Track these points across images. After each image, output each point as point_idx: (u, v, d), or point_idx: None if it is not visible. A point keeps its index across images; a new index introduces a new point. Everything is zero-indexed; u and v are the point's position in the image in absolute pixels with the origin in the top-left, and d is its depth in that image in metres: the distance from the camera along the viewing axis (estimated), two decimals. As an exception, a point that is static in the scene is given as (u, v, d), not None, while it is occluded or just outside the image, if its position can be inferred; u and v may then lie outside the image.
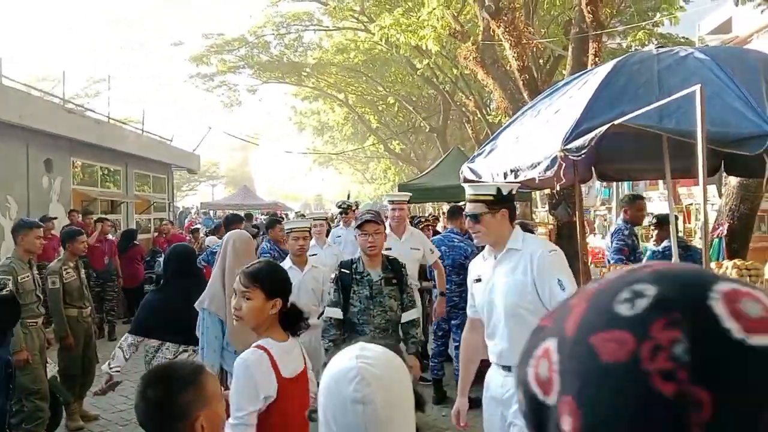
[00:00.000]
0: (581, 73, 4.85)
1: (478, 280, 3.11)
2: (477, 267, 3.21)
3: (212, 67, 23.68)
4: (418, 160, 27.84)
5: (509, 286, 2.92)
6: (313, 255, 5.43)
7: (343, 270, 4.02)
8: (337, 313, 3.94)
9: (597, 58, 10.13)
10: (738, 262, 3.70)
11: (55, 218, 10.05)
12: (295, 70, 24.62)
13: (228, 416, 1.87)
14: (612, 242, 5.86)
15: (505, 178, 4.13)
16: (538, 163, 3.82)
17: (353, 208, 8.76)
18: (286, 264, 4.78)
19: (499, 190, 3.03)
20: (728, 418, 0.48)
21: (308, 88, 26.63)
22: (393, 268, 4.08)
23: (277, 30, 22.51)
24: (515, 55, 10.65)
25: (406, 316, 4.05)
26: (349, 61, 22.39)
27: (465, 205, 4.10)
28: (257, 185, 46.50)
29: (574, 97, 4.24)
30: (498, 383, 2.96)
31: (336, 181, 52.34)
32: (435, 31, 13.86)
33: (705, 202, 2.80)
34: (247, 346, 2.42)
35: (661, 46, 4.55)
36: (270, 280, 2.47)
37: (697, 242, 11.42)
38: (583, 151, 3.47)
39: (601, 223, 16.88)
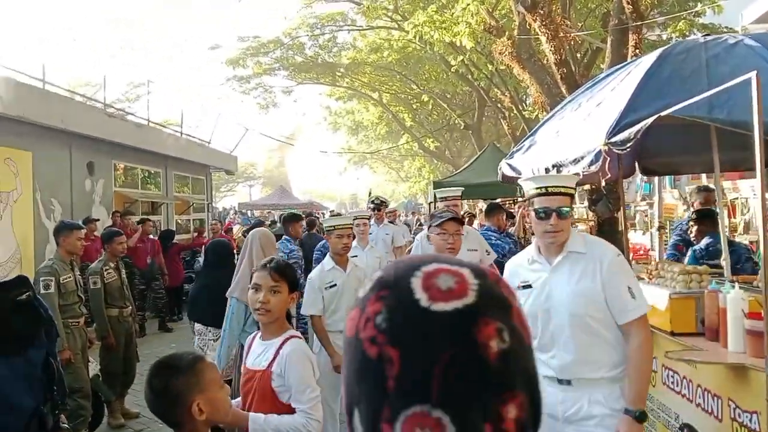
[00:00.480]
0: (623, 64, 4.69)
1: (527, 286, 2.73)
2: (522, 271, 2.82)
3: (248, 70, 23.91)
4: (453, 158, 27.64)
5: (576, 294, 2.61)
6: (353, 257, 5.09)
7: None
8: None
9: (637, 50, 9.84)
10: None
11: (98, 220, 10.27)
12: (329, 70, 24.69)
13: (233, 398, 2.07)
14: (671, 236, 5.66)
15: (546, 173, 4.01)
16: (582, 158, 3.70)
17: (387, 204, 8.67)
18: (327, 264, 4.63)
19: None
20: (409, 368, 0.61)
21: (342, 87, 26.69)
22: None
23: (312, 31, 22.60)
24: (552, 48, 10.44)
25: None
26: (383, 60, 22.34)
27: (506, 201, 4.03)
28: (293, 185, 46.90)
29: (616, 89, 4.09)
30: (556, 400, 2.62)
31: (371, 180, 52.41)
32: (469, 27, 13.69)
33: (764, 196, 2.64)
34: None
35: (707, 35, 4.36)
36: (293, 276, 2.67)
37: (741, 237, 11.01)
38: (628, 145, 3.34)
39: (642, 218, 16.41)
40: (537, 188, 2.65)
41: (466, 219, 9.80)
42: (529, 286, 2.73)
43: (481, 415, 0.61)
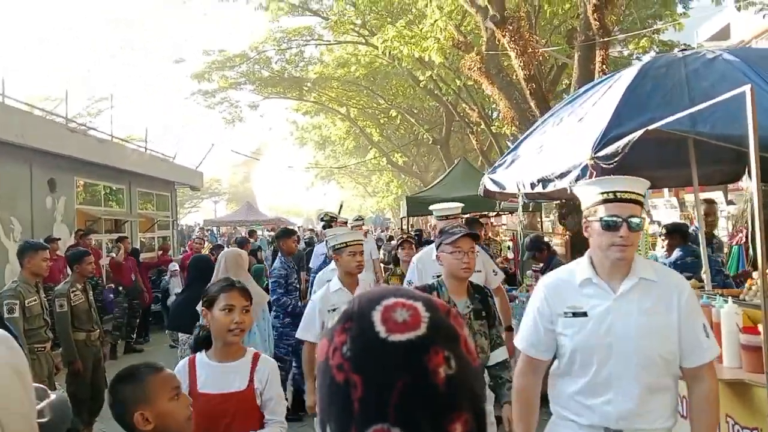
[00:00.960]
0: (603, 78, 4.73)
1: (580, 314, 2.28)
2: (570, 294, 2.33)
3: (213, 84, 23.63)
4: (421, 172, 27.74)
5: (649, 330, 2.20)
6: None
7: None
8: None
9: (604, 66, 10.02)
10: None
11: (59, 239, 9.91)
12: (296, 85, 24.57)
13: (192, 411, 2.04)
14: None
15: (532, 188, 4.00)
16: (568, 172, 3.68)
17: (340, 221, 8.15)
18: (334, 285, 4.08)
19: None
20: (371, 392, 0.71)
21: (309, 102, 26.58)
22: (481, 297, 3.26)
23: (278, 45, 22.47)
24: (521, 64, 10.55)
25: (495, 357, 3.20)
26: (350, 74, 22.34)
27: (480, 216, 4.02)
28: (259, 201, 46.41)
29: (598, 103, 4.11)
30: None
31: (338, 196, 52.30)
32: (438, 42, 13.79)
33: (760, 208, 2.63)
34: None
35: (684, 50, 4.43)
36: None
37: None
38: (615, 159, 3.34)
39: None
40: (604, 193, 2.22)
41: (412, 236, 9.69)
42: (584, 314, 2.27)
43: (439, 426, 0.71)
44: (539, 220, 14.58)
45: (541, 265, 6.62)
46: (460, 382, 0.73)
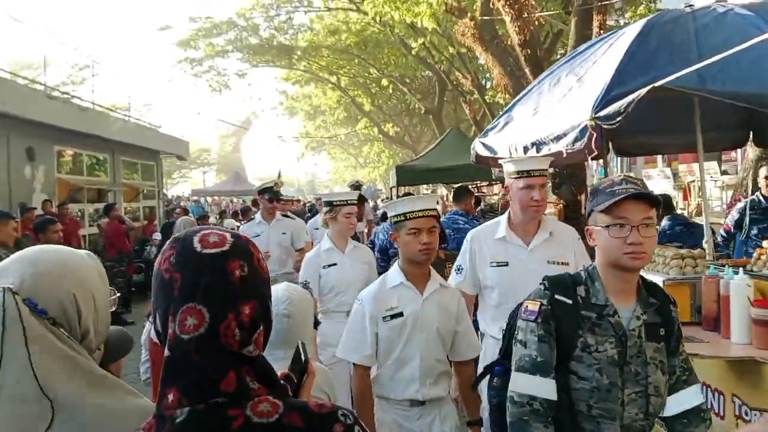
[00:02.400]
0: (602, 37, 4.43)
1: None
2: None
3: (200, 52, 23.03)
4: (413, 143, 27.34)
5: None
6: (332, 265, 4.03)
7: (557, 297, 1.87)
8: (548, 389, 1.82)
9: (601, 31, 9.68)
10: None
11: (35, 208, 9.58)
12: (285, 53, 23.97)
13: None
14: None
15: (525, 152, 3.73)
16: (565, 135, 3.42)
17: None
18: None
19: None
20: (186, 284, 1.04)
21: (299, 71, 26.00)
22: (659, 303, 1.91)
23: (267, 12, 21.88)
24: (516, 29, 10.18)
25: (678, 402, 1.91)
26: (340, 43, 21.79)
27: (473, 185, 3.78)
28: (249, 171, 45.90)
29: (598, 62, 3.83)
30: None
31: (329, 166, 51.85)
32: (430, 7, 13.35)
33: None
34: None
35: (691, 5, 4.13)
36: None
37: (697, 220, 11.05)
38: (618, 119, 3.07)
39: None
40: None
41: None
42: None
43: (227, 310, 1.02)
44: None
45: None
46: (250, 281, 1.06)
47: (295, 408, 1.03)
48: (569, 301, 1.84)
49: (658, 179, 15.51)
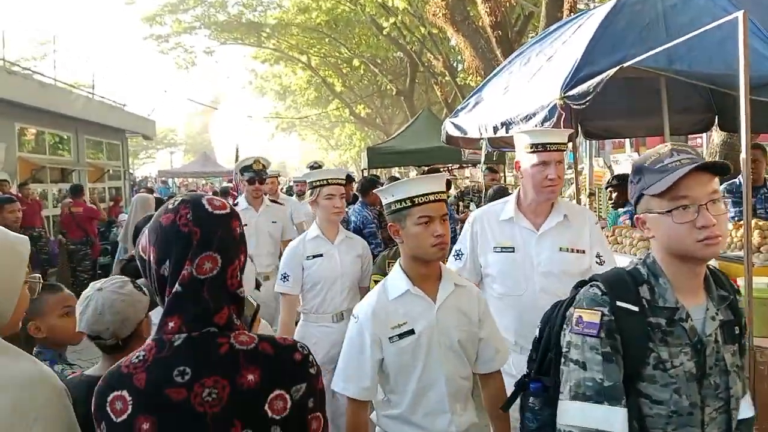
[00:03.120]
0: (574, 17, 4.43)
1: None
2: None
3: (166, 28, 22.51)
4: (385, 125, 27.25)
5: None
6: (318, 256, 3.46)
7: (620, 304, 1.51)
8: (620, 421, 1.45)
9: (572, 13, 9.72)
10: (760, 222, 3.35)
11: (6, 180, 9.31)
12: (254, 30, 23.58)
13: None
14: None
15: (495, 132, 3.72)
16: (534, 114, 3.41)
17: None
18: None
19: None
20: (204, 236, 1.30)
21: (268, 49, 25.61)
22: (731, 296, 1.61)
23: (235, -13, 21.46)
24: (488, 10, 10.17)
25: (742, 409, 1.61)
26: (311, 21, 21.49)
27: (444, 168, 3.66)
28: (217, 152, 45.26)
29: (568, 41, 3.83)
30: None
31: (299, 148, 51.42)
32: (402, -14, 13.27)
33: (748, 158, 2.35)
34: None
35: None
36: None
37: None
38: (587, 98, 3.07)
39: (568, 186, 16.73)
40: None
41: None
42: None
43: (233, 257, 1.32)
44: (502, 174, 14.42)
45: None
46: (242, 237, 1.38)
47: (266, 340, 1.35)
48: (635, 309, 1.47)
49: (626, 164, 15.76)
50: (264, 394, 1.28)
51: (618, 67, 2.98)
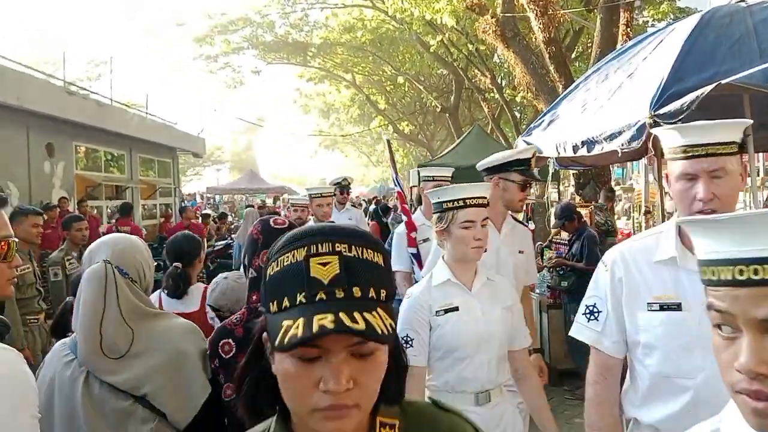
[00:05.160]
0: (652, 32, 4.28)
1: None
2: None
3: (216, 48, 23.01)
4: (428, 141, 27.21)
5: None
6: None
7: None
8: None
9: (628, 29, 9.53)
10: None
11: (57, 206, 9.53)
12: (300, 50, 23.92)
13: None
14: None
15: (575, 151, 3.59)
16: (620, 133, 3.28)
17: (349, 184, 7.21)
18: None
19: None
20: (267, 240, 1.90)
21: (314, 68, 25.93)
22: None
23: (282, 9, 21.81)
24: (541, 26, 10.03)
25: None
26: (356, 40, 21.68)
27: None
28: (261, 169, 45.86)
29: (649, 58, 3.69)
30: None
31: (341, 165, 51.73)
32: (451, 3, 13.22)
33: None
34: None
35: (742, 1, 3.97)
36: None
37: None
38: (680, 117, 2.93)
39: (623, 203, 16.32)
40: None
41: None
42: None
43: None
44: (556, 189, 14.13)
45: (568, 237, 6.20)
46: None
47: None
48: None
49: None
50: None
51: (715, 84, 2.84)
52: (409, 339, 2.22)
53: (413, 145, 29.83)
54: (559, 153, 3.75)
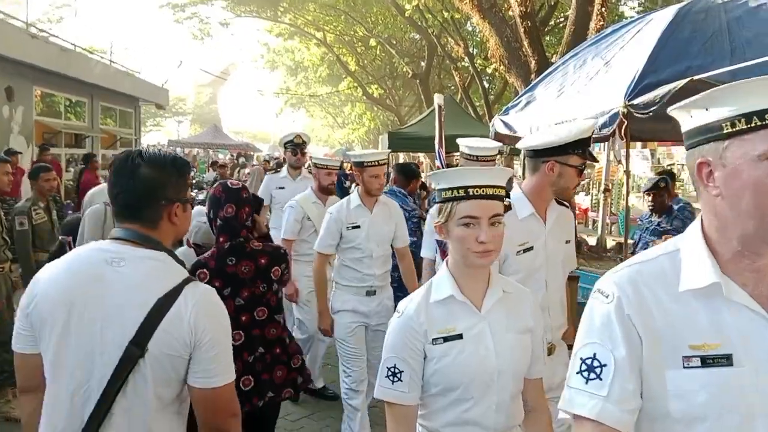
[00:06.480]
0: (629, 21, 4.41)
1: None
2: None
3: (184, -3, 22.28)
4: (396, 106, 27.11)
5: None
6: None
7: None
8: None
9: (603, 9, 9.65)
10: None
11: (20, 153, 9.28)
12: (271, 4, 23.35)
13: None
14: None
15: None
16: (593, 119, 3.41)
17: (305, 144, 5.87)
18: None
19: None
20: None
21: (284, 24, 25.38)
22: None
23: (255, -40, 21.19)
24: (519, 0, 10.08)
25: None
26: (329, -2, 21.29)
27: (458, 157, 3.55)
28: (224, 124, 45.02)
29: (626, 47, 3.82)
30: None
31: (306, 124, 51.13)
32: (429, -31, 13.12)
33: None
34: None
35: None
36: None
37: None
38: (652, 108, 3.08)
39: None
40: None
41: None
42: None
43: (242, 207, 2.85)
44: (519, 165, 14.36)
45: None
46: (250, 196, 2.91)
47: (265, 244, 2.94)
48: None
49: (636, 159, 15.75)
50: (270, 268, 2.79)
51: (687, 80, 2.99)
52: (397, 371, 1.74)
53: (380, 109, 29.68)
54: (532, 133, 3.87)
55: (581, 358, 1.20)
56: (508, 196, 1.96)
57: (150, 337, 1.55)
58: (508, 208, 1.91)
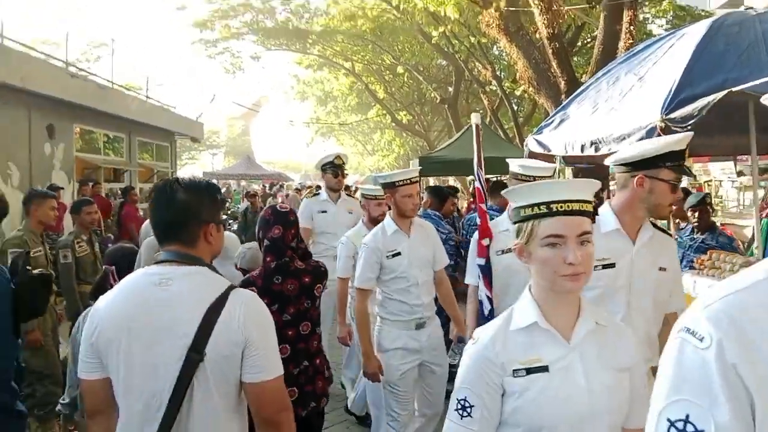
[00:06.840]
0: (661, 37, 4.39)
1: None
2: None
3: (215, 33, 22.92)
4: (425, 132, 27.25)
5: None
6: None
7: None
8: None
9: (632, 27, 9.60)
10: None
11: (62, 188, 9.57)
12: (300, 37, 23.85)
13: None
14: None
15: (582, 150, 3.70)
16: (629, 135, 3.39)
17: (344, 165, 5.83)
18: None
19: None
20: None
21: (313, 55, 25.87)
22: None
23: (283, -5, 21.73)
24: (545, 21, 10.11)
25: None
26: (356, 28, 21.65)
27: (508, 179, 3.42)
28: (257, 155, 45.76)
29: (660, 62, 3.79)
30: None
31: (335, 151, 51.63)
32: (455, -4, 13.25)
33: None
34: None
35: (751, 7, 4.08)
36: None
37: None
38: (690, 122, 3.04)
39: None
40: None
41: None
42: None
43: (289, 229, 3.01)
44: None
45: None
46: (296, 219, 3.12)
47: (307, 263, 2.98)
48: None
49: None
50: (313, 285, 2.93)
51: (725, 92, 2.95)
52: (467, 404, 1.52)
53: (410, 135, 29.85)
54: (567, 152, 3.85)
55: (670, 420, 0.90)
56: (596, 212, 1.76)
57: (206, 343, 1.71)
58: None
